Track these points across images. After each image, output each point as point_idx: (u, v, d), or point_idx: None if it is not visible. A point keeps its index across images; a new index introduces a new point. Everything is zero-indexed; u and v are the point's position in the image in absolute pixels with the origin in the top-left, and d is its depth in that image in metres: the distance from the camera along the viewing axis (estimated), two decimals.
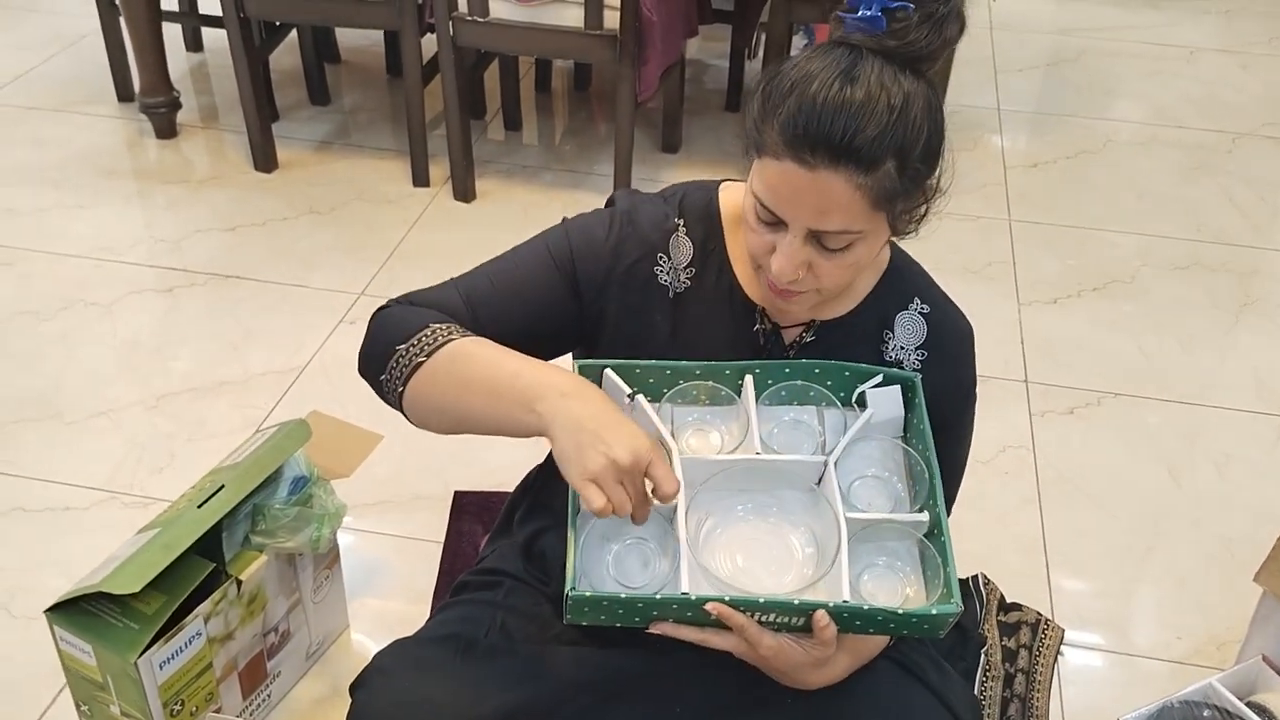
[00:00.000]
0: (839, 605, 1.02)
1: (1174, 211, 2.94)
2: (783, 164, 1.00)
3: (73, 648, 1.41)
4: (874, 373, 1.16)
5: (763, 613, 1.03)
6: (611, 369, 1.16)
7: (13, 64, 3.43)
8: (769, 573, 1.09)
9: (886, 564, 1.11)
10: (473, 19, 2.57)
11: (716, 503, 1.13)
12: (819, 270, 1.05)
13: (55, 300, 2.45)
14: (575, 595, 1.02)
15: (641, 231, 1.19)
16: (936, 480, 1.10)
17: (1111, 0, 4.25)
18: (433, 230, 2.75)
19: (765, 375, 1.17)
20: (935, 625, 1.03)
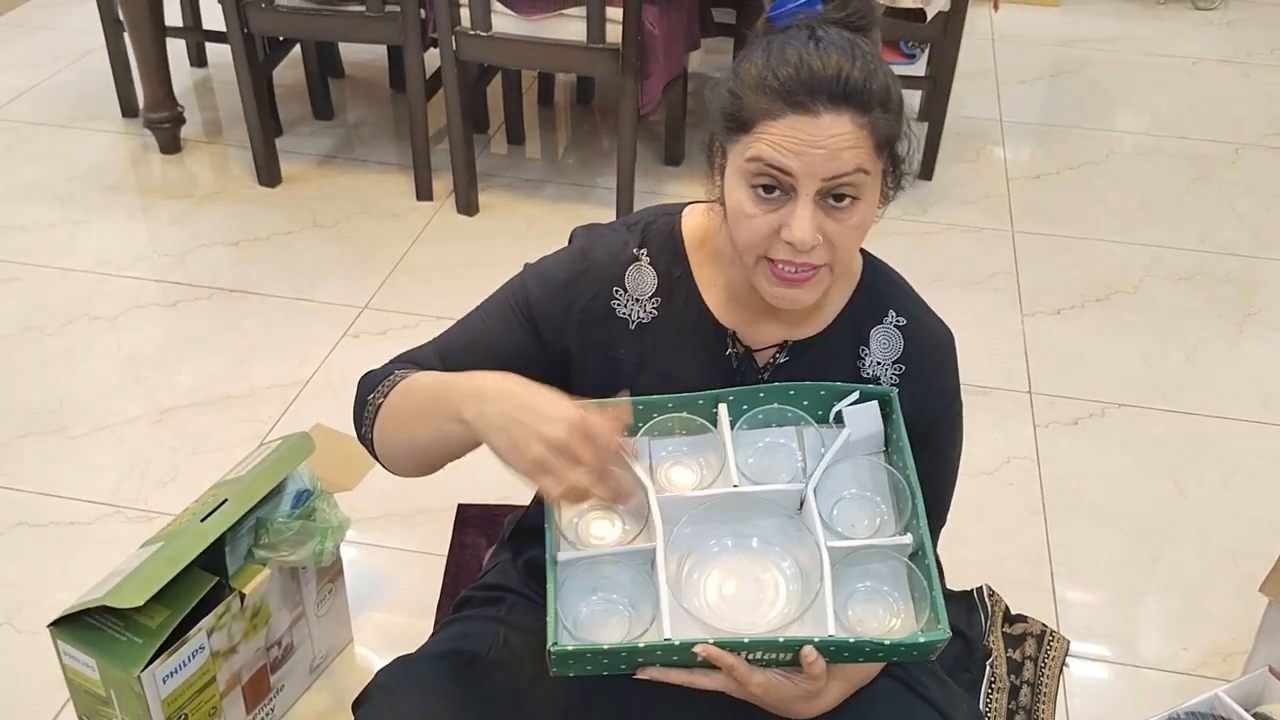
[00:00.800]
0: (825, 640, 1.01)
1: (1177, 222, 2.94)
2: (785, 119, 1.00)
3: (76, 662, 1.41)
4: (849, 390, 1.14)
5: (749, 651, 1.02)
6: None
7: (19, 80, 3.45)
8: (753, 607, 1.07)
9: (872, 589, 1.09)
10: (475, 33, 2.58)
11: (696, 539, 1.11)
12: (832, 235, 1.04)
13: (60, 315, 2.46)
14: (557, 650, 1.01)
15: (597, 267, 1.19)
16: (918, 499, 1.08)
17: (1113, 12, 4.26)
18: (436, 244, 2.75)
19: (740, 401, 1.15)
20: (925, 652, 1.02)
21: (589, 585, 1.10)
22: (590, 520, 1.14)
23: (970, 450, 2.11)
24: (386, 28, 2.67)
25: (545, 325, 1.20)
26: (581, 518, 1.14)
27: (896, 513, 1.13)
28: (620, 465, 1.07)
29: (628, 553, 1.09)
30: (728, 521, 1.12)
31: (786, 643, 1.01)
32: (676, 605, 1.04)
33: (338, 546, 1.60)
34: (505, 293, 1.24)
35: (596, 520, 1.14)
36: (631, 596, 1.09)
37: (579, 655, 1.02)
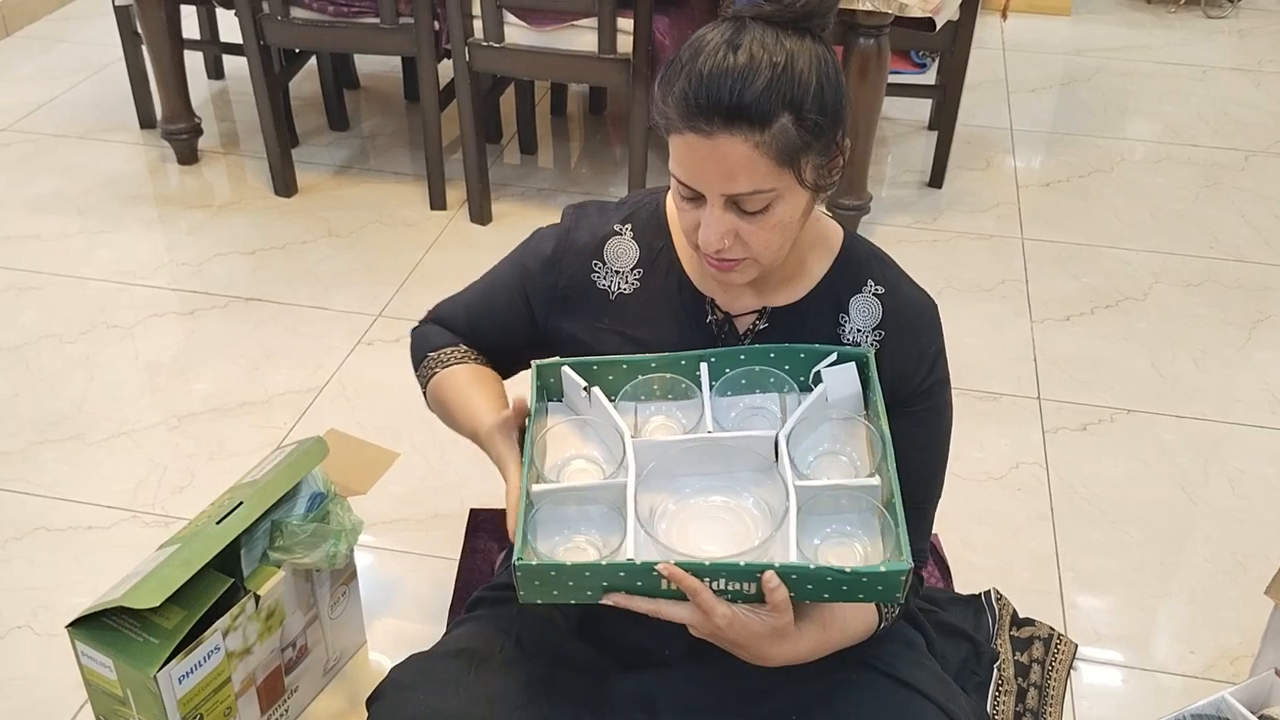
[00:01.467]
0: (785, 565, 1.01)
1: (1187, 229, 2.95)
2: (685, 137, 1.04)
3: (94, 662, 1.43)
4: (828, 351, 1.18)
5: (711, 578, 1.02)
6: (569, 366, 1.21)
7: (39, 92, 3.50)
8: (721, 547, 1.08)
9: (839, 531, 1.10)
10: (488, 44, 2.61)
11: (668, 484, 1.13)
12: (746, 236, 1.07)
13: (78, 323, 2.49)
14: (522, 565, 1.02)
15: (578, 244, 1.26)
16: (889, 449, 1.10)
17: (1124, 20, 4.27)
18: (449, 253, 2.78)
19: (721, 363, 1.19)
20: (888, 585, 1.01)
21: (561, 521, 1.12)
22: (569, 467, 1.17)
23: (979, 455, 2.15)
24: (400, 39, 2.71)
25: (536, 301, 1.30)
26: (563, 466, 1.17)
27: (869, 464, 1.15)
28: None
29: (600, 487, 1.12)
30: (701, 468, 1.14)
31: (747, 567, 1.01)
32: (643, 534, 1.06)
33: (351, 549, 1.62)
34: (511, 264, 1.34)
35: (576, 468, 1.18)
36: (603, 531, 1.11)
37: (543, 573, 1.03)
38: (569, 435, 1.21)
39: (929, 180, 3.10)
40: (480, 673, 1.24)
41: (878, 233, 2.87)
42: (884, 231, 2.88)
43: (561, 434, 1.21)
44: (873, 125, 2.69)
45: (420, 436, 2.14)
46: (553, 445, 1.20)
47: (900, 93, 3.07)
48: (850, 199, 2.78)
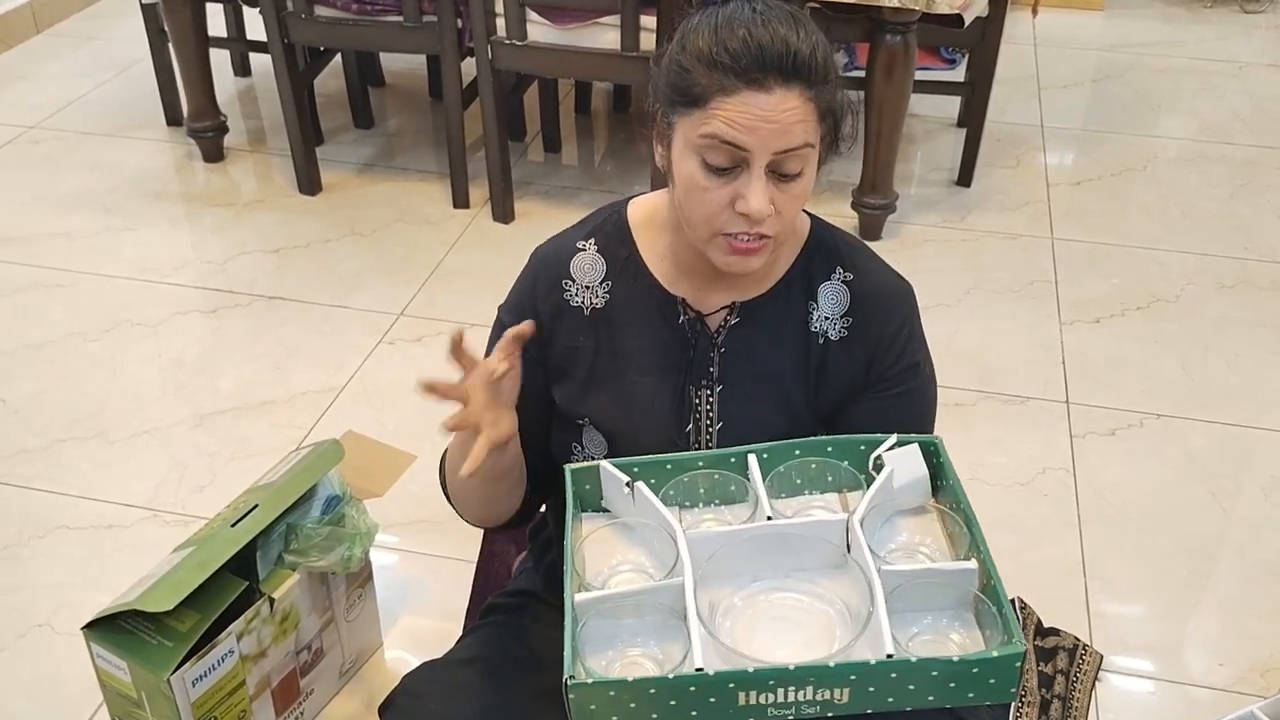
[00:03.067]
0: (884, 662, 0.90)
1: (1221, 229, 2.89)
2: (739, 95, 1.03)
3: (109, 664, 1.43)
4: (885, 439, 1.10)
5: (796, 686, 0.90)
6: (608, 463, 1.11)
7: (67, 90, 3.52)
8: (795, 652, 0.95)
9: (932, 627, 0.98)
10: (511, 42, 2.60)
11: (728, 581, 1.02)
12: (780, 206, 1.07)
13: (103, 321, 2.50)
14: (576, 684, 0.91)
15: (545, 269, 1.24)
16: (977, 530, 1.01)
17: (1159, 15, 4.20)
18: (472, 251, 2.77)
19: (774, 459, 1.11)
20: (1002, 676, 0.90)
21: (610, 635, 1.00)
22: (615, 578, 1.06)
23: (1005, 460, 2.12)
24: (424, 37, 2.70)
25: (534, 345, 1.21)
26: (607, 578, 1.06)
27: (950, 549, 1.06)
28: None
29: (651, 590, 1.00)
30: (763, 563, 1.03)
31: (840, 669, 0.89)
32: (710, 638, 0.94)
33: (366, 553, 1.62)
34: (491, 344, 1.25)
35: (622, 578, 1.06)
36: (660, 641, 0.99)
37: (599, 693, 0.91)
38: (611, 540, 1.10)
39: (957, 179, 3.06)
40: (492, 681, 1.23)
41: (904, 232, 2.84)
42: (911, 231, 2.84)
43: (603, 539, 1.10)
44: (899, 122, 2.66)
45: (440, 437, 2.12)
46: (593, 553, 1.08)
47: (928, 89, 3.03)
48: (876, 197, 2.75)
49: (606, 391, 1.22)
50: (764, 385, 1.20)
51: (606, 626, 0.99)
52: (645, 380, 1.20)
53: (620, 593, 1.01)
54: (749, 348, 1.20)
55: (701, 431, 1.21)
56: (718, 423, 1.20)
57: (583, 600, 0.99)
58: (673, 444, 1.20)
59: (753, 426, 1.20)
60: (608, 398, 1.22)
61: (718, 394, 1.20)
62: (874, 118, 2.63)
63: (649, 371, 1.20)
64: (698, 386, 1.20)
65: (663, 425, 1.21)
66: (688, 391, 1.20)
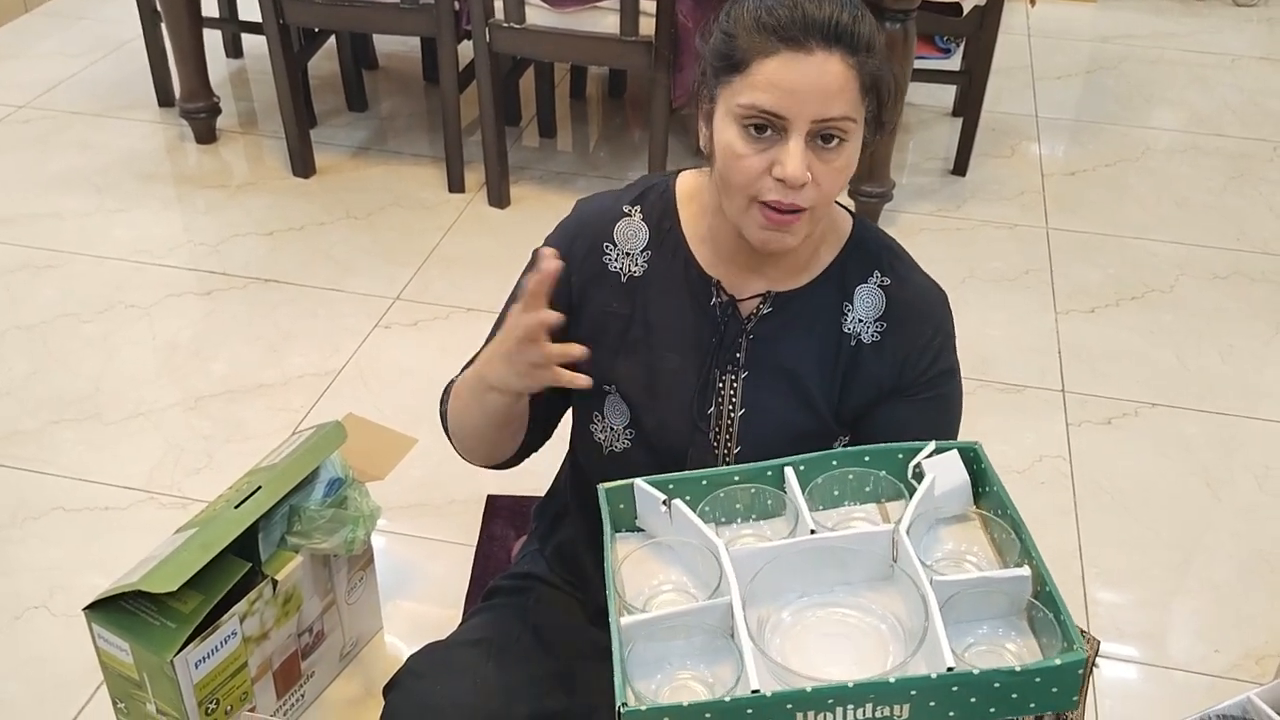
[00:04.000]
0: (944, 676, 0.87)
1: (1214, 220, 2.91)
2: (780, 57, 1.02)
3: (110, 645, 1.42)
4: (922, 447, 1.08)
5: (855, 704, 0.88)
6: (643, 481, 1.09)
7: (58, 69, 3.49)
8: (849, 670, 0.93)
9: (988, 637, 0.96)
10: (509, 25, 2.59)
11: (774, 598, 1.00)
12: (818, 176, 1.05)
13: (96, 302, 2.48)
14: (630, 711, 0.88)
15: (588, 228, 1.22)
16: (1027, 536, 0.98)
17: (1152, 8, 4.21)
18: (467, 236, 2.76)
19: (811, 470, 1.08)
20: (1065, 684, 0.88)
21: (657, 659, 0.97)
22: (657, 601, 1.03)
23: (1002, 448, 2.13)
24: (421, 19, 2.68)
25: (562, 300, 1.20)
26: (651, 598, 1.03)
27: (998, 557, 1.03)
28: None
29: (698, 612, 0.97)
30: (809, 578, 1.00)
31: (900, 684, 0.87)
32: (763, 657, 0.91)
33: (369, 535, 1.61)
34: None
35: (664, 599, 1.03)
36: (709, 663, 0.96)
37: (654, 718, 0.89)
38: (649, 561, 1.06)
39: (953, 168, 3.07)
40: (497, 663, 1.23)
41: (900, 220, 2.84)
42: (906, 219, 2.85)
43: (640, 560, 1.06)
44: (898, 110, 2.66)
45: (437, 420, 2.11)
46: (632, 574, 1.05)
47: (925, 78, 3.04)
48: (872, 186, 2.75)
49: (636, 361, 1.21)
50: (788, 378, 1.20)
51: (653, 649, 0.96)
52: (672, 356, 1.20)
53: (667, 614, 0.98)
54: (778, 339, 1.19)
55: (723, 416, 1.21)
56: (740, 409, 1.20)
57: (629, 624, 0.96)
58: (694, 427, 1.20)
59: (773, 418, 1.20)
60: (637, 367, 1.21)
61: (742, 380, 1.20)
62: None
63: (676, 348, 1.20)
64: (723, 370, 1.20)
65: (685, 405, 1.20)
66: (713, 374, 1.20)
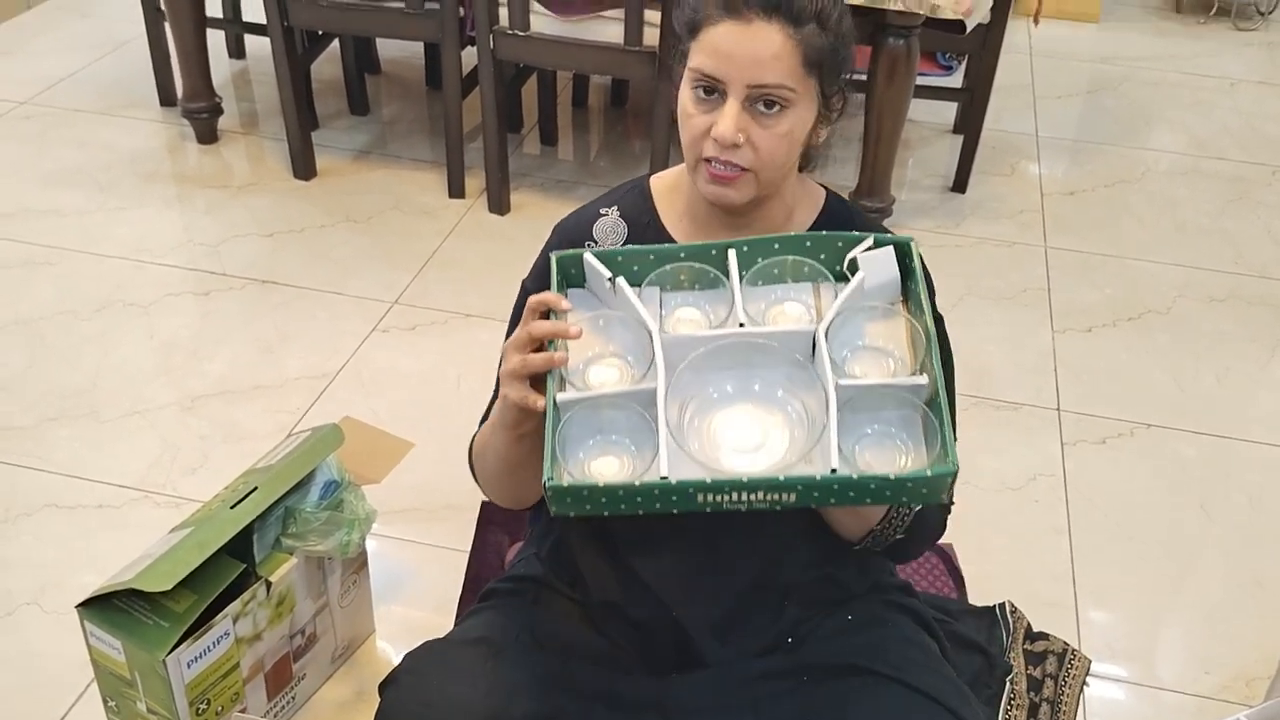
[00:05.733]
0: (828, 477, 0.99)
1: (1212, 243, 2.92)
2: (720, 26, 1.11)
3: (102, 643, 1.42)
4: (864, 238, 1.14)
5: (750, 492, 0.99)
6: (591, 255, 1.15)
7: (60, 66, 3.49)
8: (755, 450, 1.05)
9: (881, 432, 1.06)
10: (514, 33, 2.59)
11: (699, 383, 1.09)
12: (756, 139, 1.13)
13: (95, 300, 2.48)
14: (552, 485, 1.01)
15: (567, 236, 1.30)
16: (933, 344, 1.06)
17: (1153, 30, 4.23)
18: (467, 241, 2.76)
19: (754, 252, 1.15)
20: (933, 489, 0.99)
21: (591, 427, 1.08)
22: (594, 367, 1.13)
23: (997, 466, 2.13)
24: (425, 25, 2.69)
25: None
26: (587, 365, 1.13)
27: (912, 359, 1.10)
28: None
29: (628, 394, 1.08)
30: (733, 366, 1.10)
31: (787, 481, 0.98)
32: (676, 447, 1.03)
33: (364, 538, 1.61)
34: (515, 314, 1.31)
35: (601, 366, 1.13)
36: (633, 438, 1.08)
37: (575, 493, 1.01)
38: (592, 331, 1.15)
39: (952, 185, 3.08)
40: (496, 662, 1.23)
41: None
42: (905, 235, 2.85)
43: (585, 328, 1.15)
44: (899, 126, 2.67)
45: (433, 425, 2.12)
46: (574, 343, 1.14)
47: (926, 95, 3.05)
48: (873, 201, 2.76)
49: None
50: None
51: (587, 419, 1.08)
52: None
53: (599, 394, 1.08)
54: None
55: None
56: None
57: (566, 399, 1.07)
58: None
59: None
60: None
61: None
62: (874, 121, 2.64)
63: None
64: None
65: None
66: None
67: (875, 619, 1.30)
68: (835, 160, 3.20)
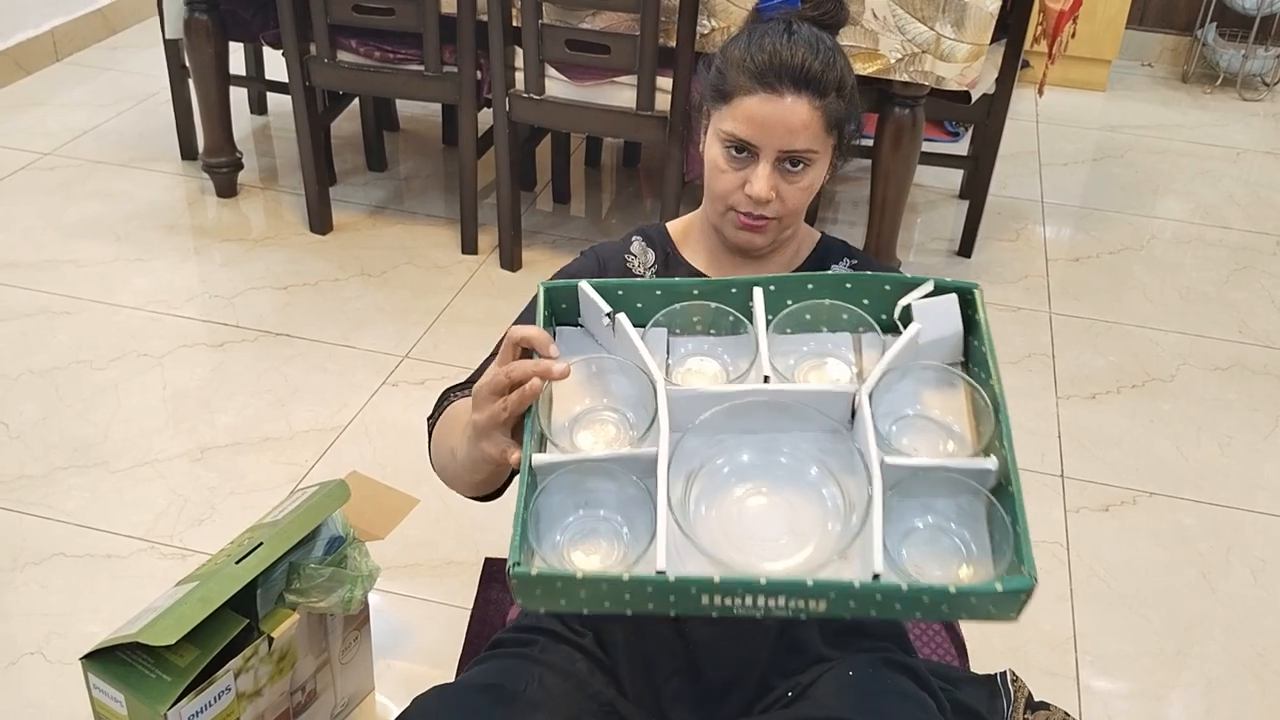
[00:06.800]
0: (869, 585, 0.79)
1: (1216, 312, 2.94)
2: (756, 96, 1.21)
3: (105, 696, 1.43)
4: (920, 281, 0.95)
5: (768, 596, 0.80)
6: (589, 285, 0.98)
7: (84, 119, 3.56)
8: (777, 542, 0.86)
9: (935, 527, 0.87)
10: (529, 96, 2.65)
11: (711, 450, 0.90)
12: (784, 193, 1.24)
13: (110, 350, 2.52)
14: (519, 573, 0.81)
15: (606, 250, 1.39)
16: (1004, 417, 0.87)
17: (1159, 99, 4.28)
18: (478, 297, 2.80)
19: (782, 292, 0.97)
20: (1002, 608, 0.80)
21: (574, 499, 0.90)
22: (584, 424, 0.94)
23: None
24: (443, 87, 2.75)
25: None
26: (574, 422, 0.93)
27: (975, 436, 0.91)
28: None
29: (623, 459, 0.88)
30: (754, 432, 0.91)
31: (818, 587, 0.78)
32: (678, 532, 0.83)
33: (366, 595, 1.62)
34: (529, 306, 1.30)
35: (592, 423, 0.94)
36: (626, 515, 0.89)
37: (546, 583, 0.81)
38: (583, 379, 0.97)
39: (958, 249, 3.11)
40: (508, 710, 1.23)
41: None
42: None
43: (575, 378, 0.96)
44: (904, 192, 2.71)
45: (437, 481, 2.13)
46: (563, 391, 0.96)
47: (933, 162, 3.09)
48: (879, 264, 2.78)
49: None
50: None
51: (572, 484, 0.89)
52: None
53: (586, 458, 0.89)
54: None
55: None
56: None
57: (544, 463, 0.87)
58: None
59: None
60: None
61: None
62: (879, 186, 2.67)
63: None
64: None
65: None
66: None
67: (875, 675, 1.31)
68: (843, 223, 3.24)
